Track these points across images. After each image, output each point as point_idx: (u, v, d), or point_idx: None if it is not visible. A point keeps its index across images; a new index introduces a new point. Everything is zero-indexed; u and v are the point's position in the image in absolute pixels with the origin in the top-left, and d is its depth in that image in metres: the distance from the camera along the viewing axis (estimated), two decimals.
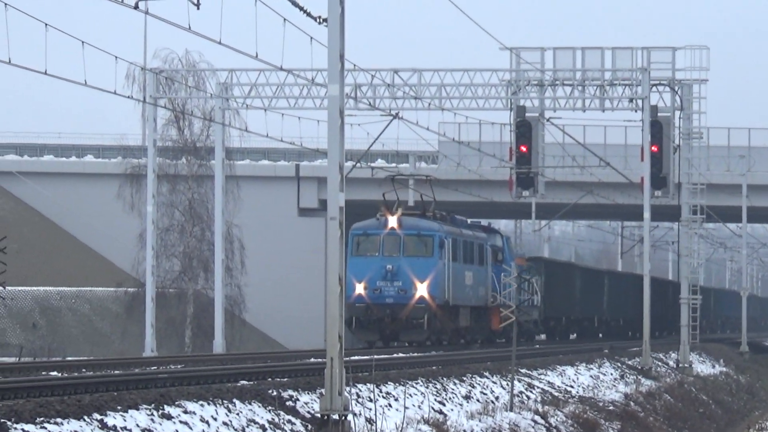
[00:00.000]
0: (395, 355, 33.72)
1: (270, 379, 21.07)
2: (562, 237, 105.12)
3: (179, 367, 25.07)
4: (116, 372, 20.88)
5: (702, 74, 45.96)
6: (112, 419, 13.72)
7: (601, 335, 60.17)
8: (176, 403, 16.03)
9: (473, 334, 41.80)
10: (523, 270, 45.90)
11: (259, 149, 71.44)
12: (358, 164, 48.11)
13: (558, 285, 53.70)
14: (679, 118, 46.72)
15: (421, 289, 34.79)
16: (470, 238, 40.45)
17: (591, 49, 45.92)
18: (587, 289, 59.38)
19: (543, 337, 53.59)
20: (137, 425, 14.02)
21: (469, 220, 44.46)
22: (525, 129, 45.09)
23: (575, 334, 60.02)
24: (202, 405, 16.58)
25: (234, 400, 17.66)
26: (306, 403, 19.36)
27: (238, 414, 17.29)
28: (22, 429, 11.32)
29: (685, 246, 50.86)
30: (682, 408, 38.94)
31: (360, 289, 34.98)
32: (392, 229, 35.31)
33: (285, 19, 21.03)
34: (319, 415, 17.80)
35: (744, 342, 69.85)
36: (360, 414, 19.46)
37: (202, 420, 15.85)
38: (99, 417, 13.39)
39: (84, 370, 22.64)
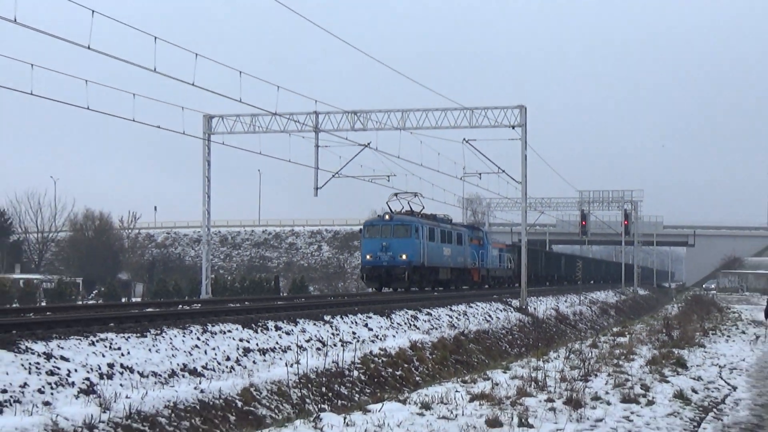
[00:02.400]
0: (544, 287, 62.27)
1: (501, 296, 45.10)
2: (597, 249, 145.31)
3: (474, 290, 49.75)
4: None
5: (639, 195, 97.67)
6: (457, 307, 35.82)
7: (565, 283, 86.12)
8: (469, 304, 37.21)
9: (457, 283, 53.27)
10: (502, 251, 64.94)
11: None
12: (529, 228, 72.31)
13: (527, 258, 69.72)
14: (632, 217, 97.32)
15: (403, 256, 44.09)
16: (448, 229, 50.97)
17: (605, 190, 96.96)
18: (546, 262, 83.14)
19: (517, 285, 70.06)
20: (441, 313, 33.46)
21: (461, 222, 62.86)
22: (585, 217, 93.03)
23: (548, 284, 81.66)
24: (477, 304, 38.20)
25: (489, 302, 40.64)
26: (514, 303, 43.04)
27: (491, 306, 40.37)
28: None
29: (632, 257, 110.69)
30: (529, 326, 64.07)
31: (368, 257, 45.02)
32: (387, 221, 45.00)
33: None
34: (517, 305, 42.38)
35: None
36: (530, 306, 43.41)
37: (479, 308, 37.45)
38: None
39: None
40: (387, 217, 45.10)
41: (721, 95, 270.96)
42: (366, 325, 26.65)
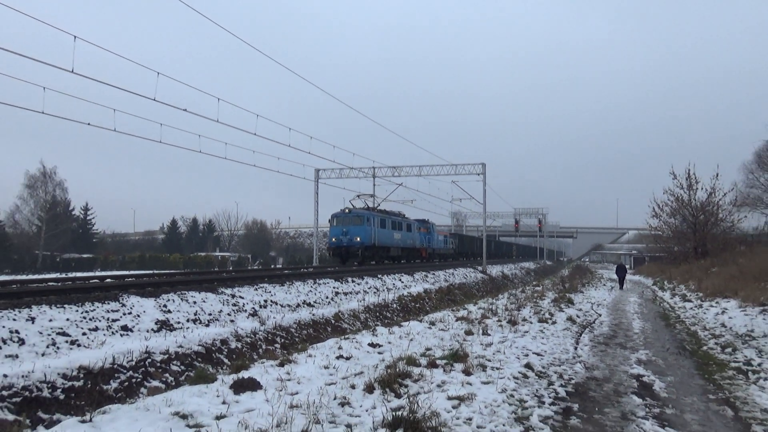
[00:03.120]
0: (495, 260, 56.08)
1: (473, 264, 41.84)
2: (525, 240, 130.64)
3: (447, 260, 46.66)
4: None
5: (547, 210, 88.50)
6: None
7: (497, 259, 69.89)
8: (455, 269, 35.51)
9: (408, 258, 40.53)
10: (446, 237, 51.96)
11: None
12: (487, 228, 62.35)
13: (464, 242, 58.37)
14: (543, 222, 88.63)
15: (358, 239, 33.24)
16: (399, 220, 38.76)
17: (528, 207, 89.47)
18: (478, 244, 70.56)
19: (462, 259, 56.33)
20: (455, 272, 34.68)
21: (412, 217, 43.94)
22: (517, 221, 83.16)
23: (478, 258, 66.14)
24: (459, 269, 34.97)
25: (466, 268, 36.93)
26: (479, 268, 39.64)
27: (467, 270, 36.87)
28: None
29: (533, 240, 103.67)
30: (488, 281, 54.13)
31: (333, 239, 33.69)
32: (347, 213, 34.10)
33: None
34: (481, 269, 39.71)
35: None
36: (488, 270, 38.84)
37: (460, 271, 34.84)
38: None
39: None
40: (347, 210, 34.50)
41: (594, 148, 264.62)
42: (400, 280, 25.81)
